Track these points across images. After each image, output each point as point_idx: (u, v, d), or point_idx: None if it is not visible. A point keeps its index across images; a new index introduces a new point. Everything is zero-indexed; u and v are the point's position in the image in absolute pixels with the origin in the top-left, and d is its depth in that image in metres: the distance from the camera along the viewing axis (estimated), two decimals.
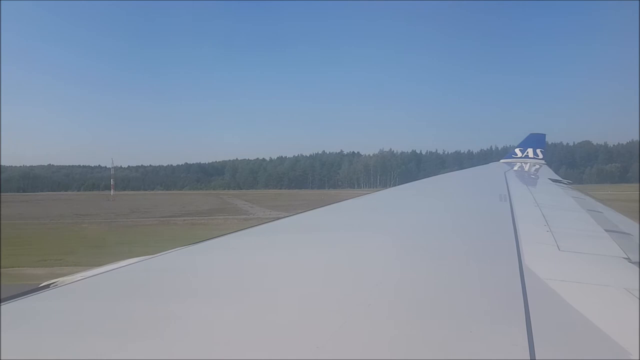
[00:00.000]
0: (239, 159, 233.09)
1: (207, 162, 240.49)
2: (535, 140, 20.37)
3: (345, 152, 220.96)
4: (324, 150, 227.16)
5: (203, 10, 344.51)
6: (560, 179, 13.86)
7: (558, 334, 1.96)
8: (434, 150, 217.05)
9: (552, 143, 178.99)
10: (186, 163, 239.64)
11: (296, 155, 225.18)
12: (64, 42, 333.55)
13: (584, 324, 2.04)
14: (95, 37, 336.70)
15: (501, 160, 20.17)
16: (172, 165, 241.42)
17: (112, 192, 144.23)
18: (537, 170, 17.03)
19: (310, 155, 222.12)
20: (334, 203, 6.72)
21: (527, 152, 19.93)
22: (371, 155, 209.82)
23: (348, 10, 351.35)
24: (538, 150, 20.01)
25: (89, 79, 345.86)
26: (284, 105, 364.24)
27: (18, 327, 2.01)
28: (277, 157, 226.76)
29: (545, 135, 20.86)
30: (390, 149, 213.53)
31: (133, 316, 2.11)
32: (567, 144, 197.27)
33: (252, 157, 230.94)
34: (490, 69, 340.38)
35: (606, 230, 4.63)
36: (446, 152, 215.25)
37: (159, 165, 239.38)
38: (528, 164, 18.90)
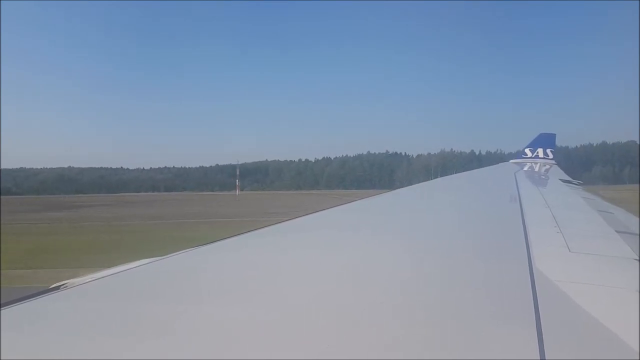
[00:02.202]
0: (268, 160, 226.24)
1: (239, 163, 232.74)
2: (545, 140, 20.27)
3: (389, 152, 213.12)
4: (368, 151, 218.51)
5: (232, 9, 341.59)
6: (570, 179, 13.78)
7: (568, 336, 1.94)
8: (493, 151, 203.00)
9: (601, 143, 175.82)
10: (217, 164, 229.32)
11: (342, 155, 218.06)
12: (70, 42, 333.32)
13: (594, 325, 2.02)
14: (101, 37, 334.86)
15: (511, 161, 20.08)
16: (203, 166, 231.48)
17: (237, 192, 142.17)
18: (547, 170, 16.93)
19: (355, 156, 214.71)
20: (345, 204, 6.72)
21: (537, 152, 19.84)
22: (432, 154, 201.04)
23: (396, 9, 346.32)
24: (548, 150, 19.92)
25: (93, 80, 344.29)
26: (312, 106, 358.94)
27: (28, 328, 2.03)
28: (322, 158, 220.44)
29: (555, 135, 20.76)
30: (452, 149, 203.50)
31: (143, 318, 2.13)
32: (613, 143, 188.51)
33: (282, 159, 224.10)
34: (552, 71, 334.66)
35: (617, 231, 4.59)
36: (503, 152, 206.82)
37: (184, 167, 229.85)
38: (538, 164, 18.80)
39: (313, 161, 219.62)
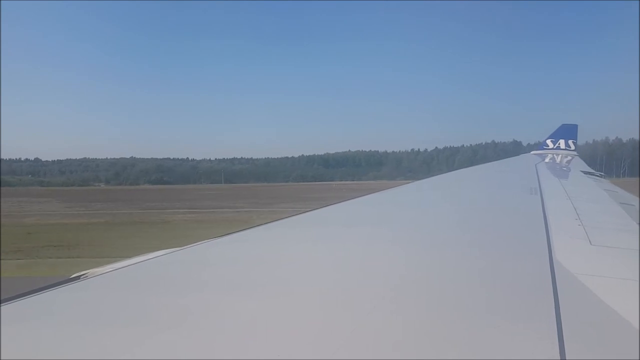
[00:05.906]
0: (351, 150, 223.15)
1: (324, 154, 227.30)
2: (567, 131, 19.87)
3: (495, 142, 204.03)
4: (494, 140, 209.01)
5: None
6: (592, 171, 13.52)
7: (589, 331, 1.90)
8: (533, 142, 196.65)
9: None
10: (302, 155, 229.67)
11: (453, 145, 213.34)
12: (93, 37, 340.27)
13: (615, 320, 1.98)
14: (144, 38, 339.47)
15: (532, 152, 19.74)
16: (287, 157, 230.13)
17: None
18: (568, 162, 16.63)
19: (470, 146, 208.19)
20: (363, 195, 6.70)
21: (559, 144, 19.46)
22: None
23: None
24: (570, 142, 19.52)
25: (126, 77, 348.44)
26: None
27: (49, 317, 2.08)
28: (433, 149, 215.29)
29: (577, 125, 20.32)
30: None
31: (160, 308, 2.15)
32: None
33: (366, 150, 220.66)
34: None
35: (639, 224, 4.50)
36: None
37: (262, 158, 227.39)
38: (560, 155, 18.46)
39: (424, 151, 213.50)
